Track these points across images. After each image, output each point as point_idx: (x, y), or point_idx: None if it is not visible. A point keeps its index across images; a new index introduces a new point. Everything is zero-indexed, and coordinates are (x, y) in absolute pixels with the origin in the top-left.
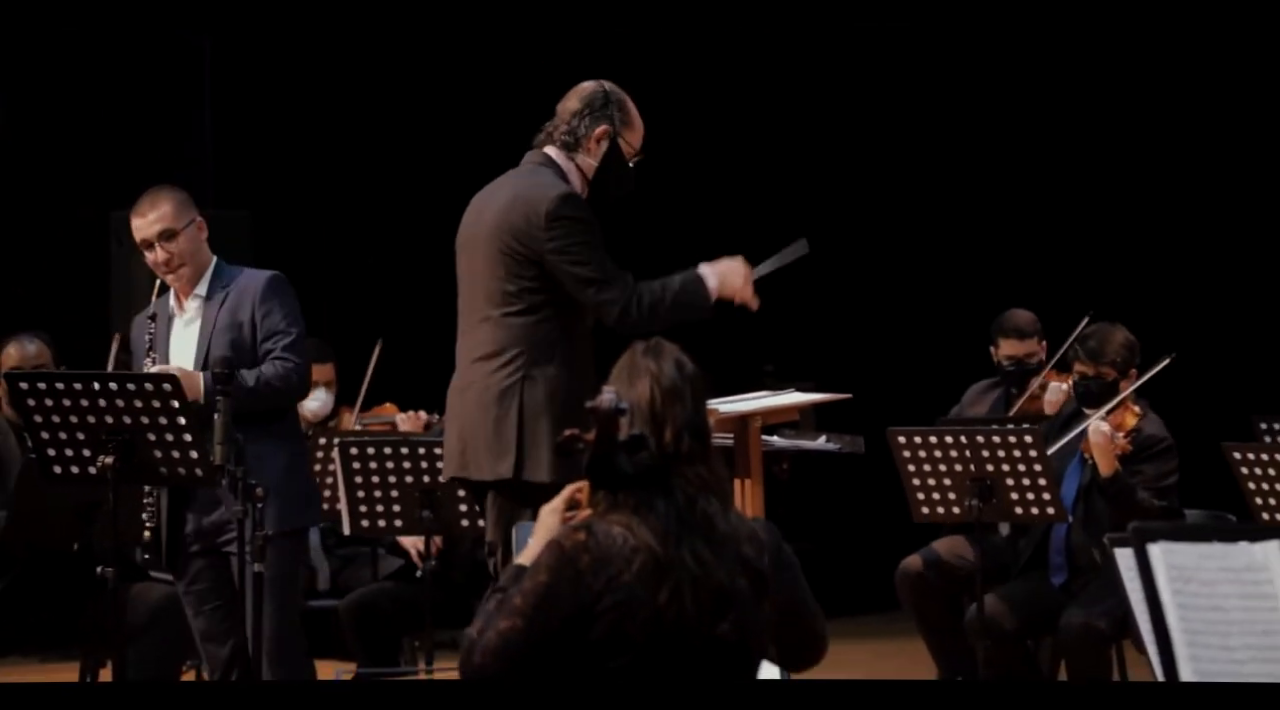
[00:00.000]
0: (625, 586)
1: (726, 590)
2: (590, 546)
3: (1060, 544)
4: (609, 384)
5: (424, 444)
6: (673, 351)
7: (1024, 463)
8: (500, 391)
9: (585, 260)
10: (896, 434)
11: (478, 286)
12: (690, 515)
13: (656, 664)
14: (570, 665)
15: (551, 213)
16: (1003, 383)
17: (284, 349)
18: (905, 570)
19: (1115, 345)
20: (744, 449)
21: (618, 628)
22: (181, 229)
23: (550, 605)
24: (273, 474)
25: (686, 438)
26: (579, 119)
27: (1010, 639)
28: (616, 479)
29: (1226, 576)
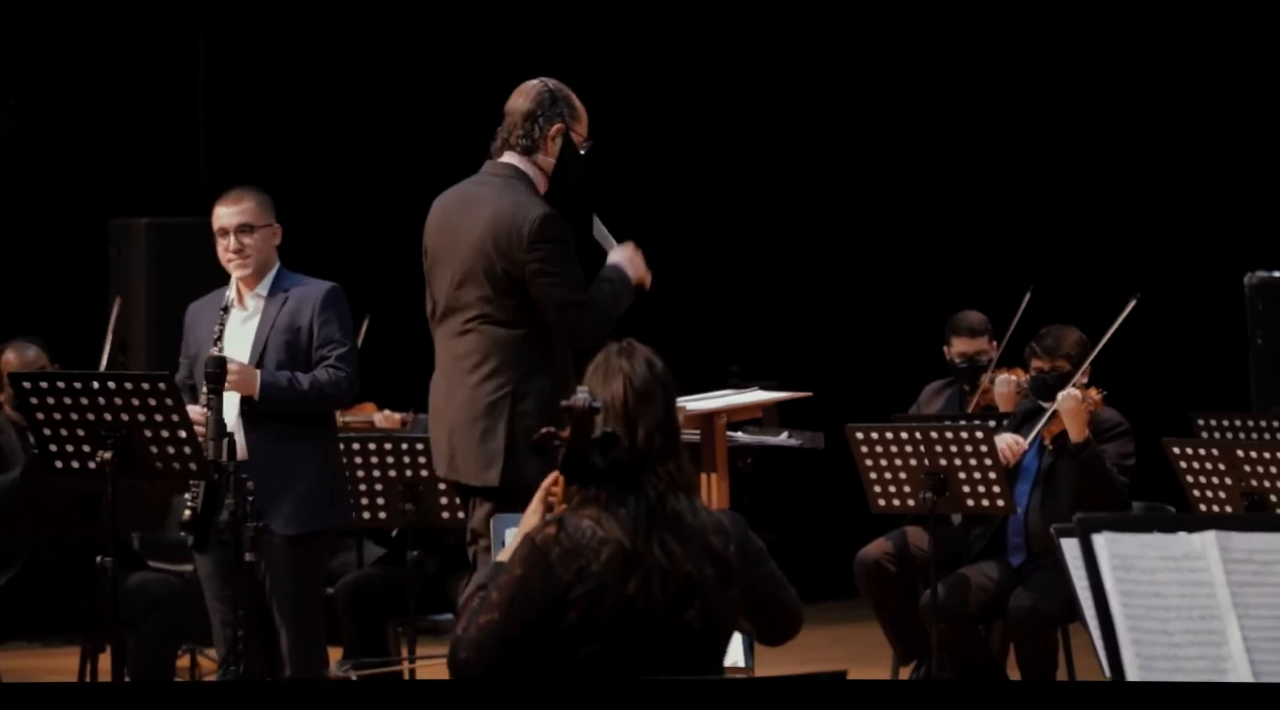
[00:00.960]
0: (594, 575)
1: (694, 580)
2: (561, 539)
3: (1019, 526)
4: (583, 383)
5: (406, 440)
6: (644, 352)
7: (975, 457)
8: (489, 404)
9: (564, 282)
10: (855, 430)
11: (462, 300)
12: (660, 510)
13: (625, 650)
14: (544, 653)
15: (534, 235)
16: (956, 381)
17: (338, 358)
18: (864, 558)
19: (1070, 342)
20: (710, 445)
21: (588, 615)
22: (260, 226)
23: (525, 598)
24: (303, 475)
25: (658, 436)
26: (532, 122)
27: (963, 623)
28: (590, 475)
29: (1166, 565)
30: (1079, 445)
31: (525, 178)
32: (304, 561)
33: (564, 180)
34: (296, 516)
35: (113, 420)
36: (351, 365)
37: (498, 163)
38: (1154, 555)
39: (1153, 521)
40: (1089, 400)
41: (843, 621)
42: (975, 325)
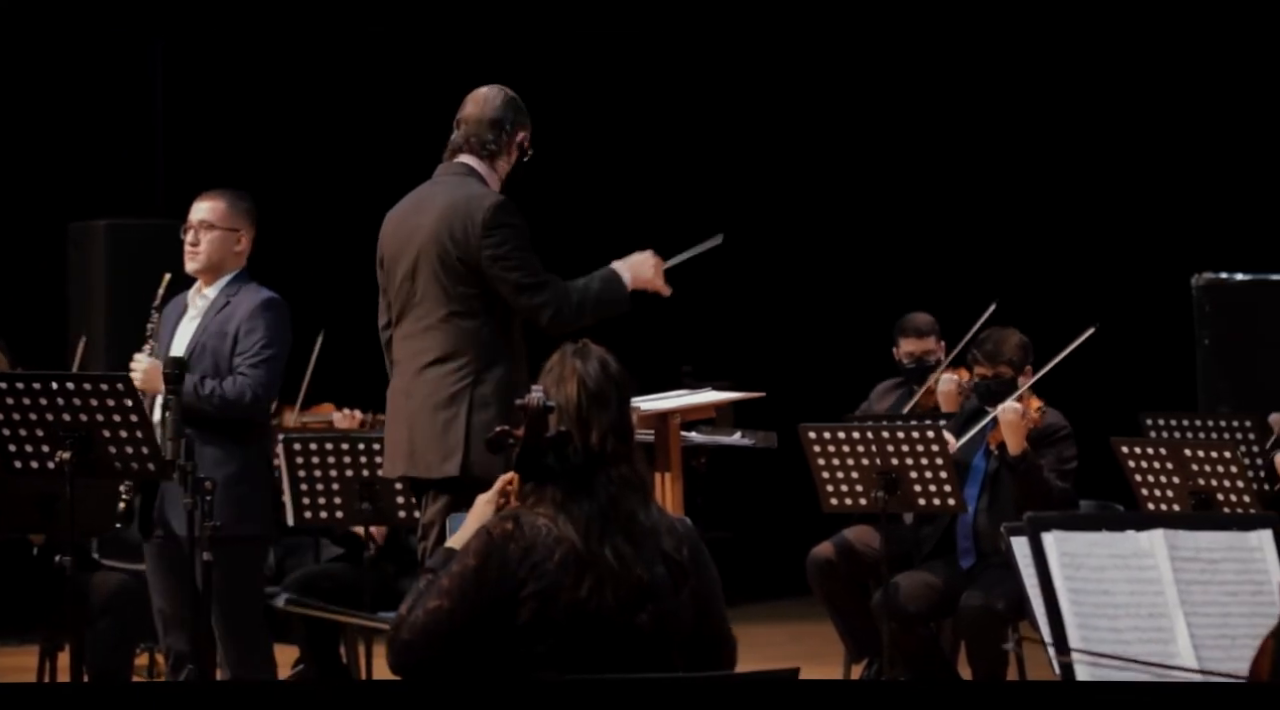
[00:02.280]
0: (548, 574)
1: (645, 584)
2: (516, 536)
3: (968, 529)
4: (539, 384)
5: (363, 440)
6: (599, 353)
7: (926, 457)
8: (450, 395)
9: (520, 266)
10: (807, 429)
11: (420, 295)
12: (612, 512)
13: (576, 650)
14: (497, 650)
15: (488, 221)
16: (905, 380)
17: (249, 366)
18: (815, 557)
19: (1011, 346)
20: (664, 444)
21: (541, 614)
22: (221, 227)
23: (476, 588)
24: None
25: (611, 438)
26: (500, 129)
27: (915, 621)
28: (543, 473)
29: (1115, 563)
30: (1016, 459)
31: (478, 176)
32: (227, 564)
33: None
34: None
35: (72, 421)
36: (267, 374)
37: (452, 163)
38: (1103, 553)
39: (1101, 520)
40: (1029, 416)
41: (795, 619)
42: (922, 326)
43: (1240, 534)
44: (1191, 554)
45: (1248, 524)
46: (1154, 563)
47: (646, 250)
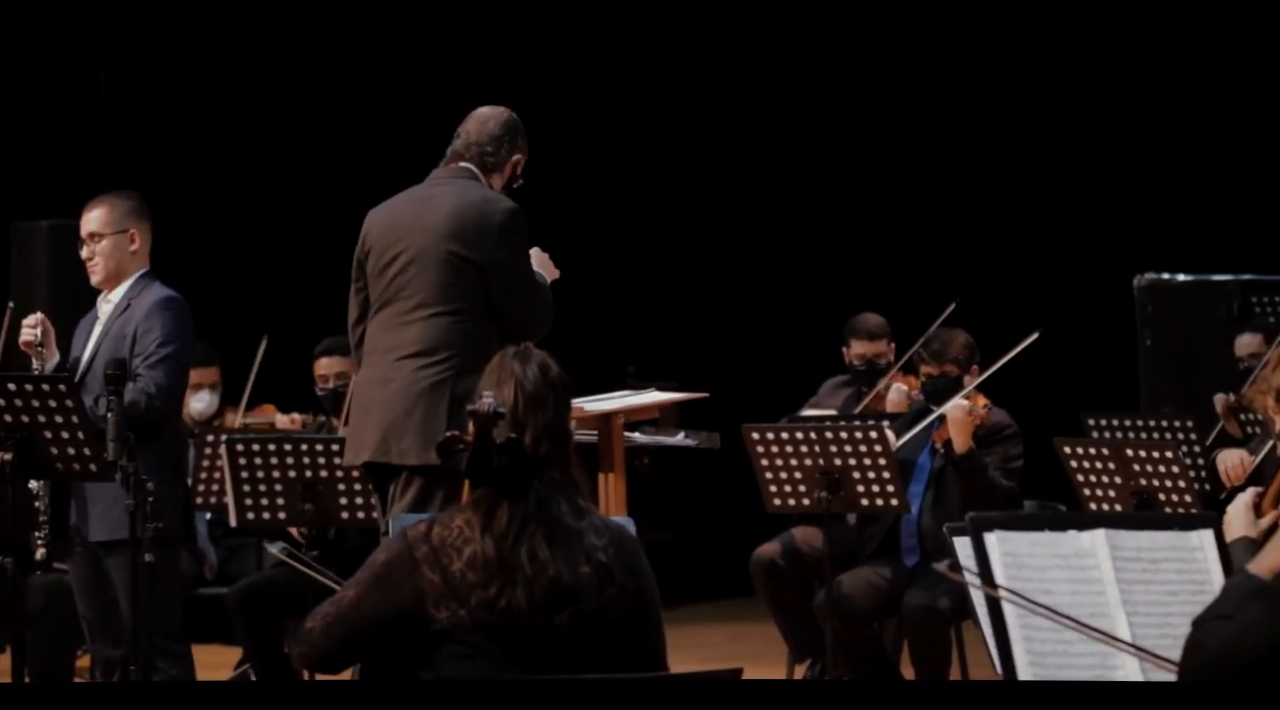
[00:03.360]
0: (455, 574)
1: (564, 586)
2: (430, 537)
3: (912, 528)
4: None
5: (305, 441)
6: (540, 357)
7: (870, 457)
8: (432, 385)
9: (524, 274)
10: (750, 430)
11: (410, 289)
12: (537, 516)
13: (492, 651)
14: (412, 652)
15: (505, 225)
16: (854, 381)
17: (147, 367)
18: (759, 557)
19: (957, 346)
20: (607, 445)
21: (454, 615)
22: (109, 234)
23: (382, 585)
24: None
25: (545, 442)
26: (500, 144)
27: (858, 621)
28: (493, 478)
29: (1057, 563)
30: (962, 457)
31: (481, 181)
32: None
33: None
34: (105, 521)
35: (13, 421)
36: (163, 374)
37: (456, 167)
38: (1045, 553)
39: (1043, 520)
40: (975, 413)
41: (739, 620)
42: (874, 328)
43: (1181, 534)
44: (1133, 554)
45: (1189, 524)
46: (1096, 563)
47: (534, 247)
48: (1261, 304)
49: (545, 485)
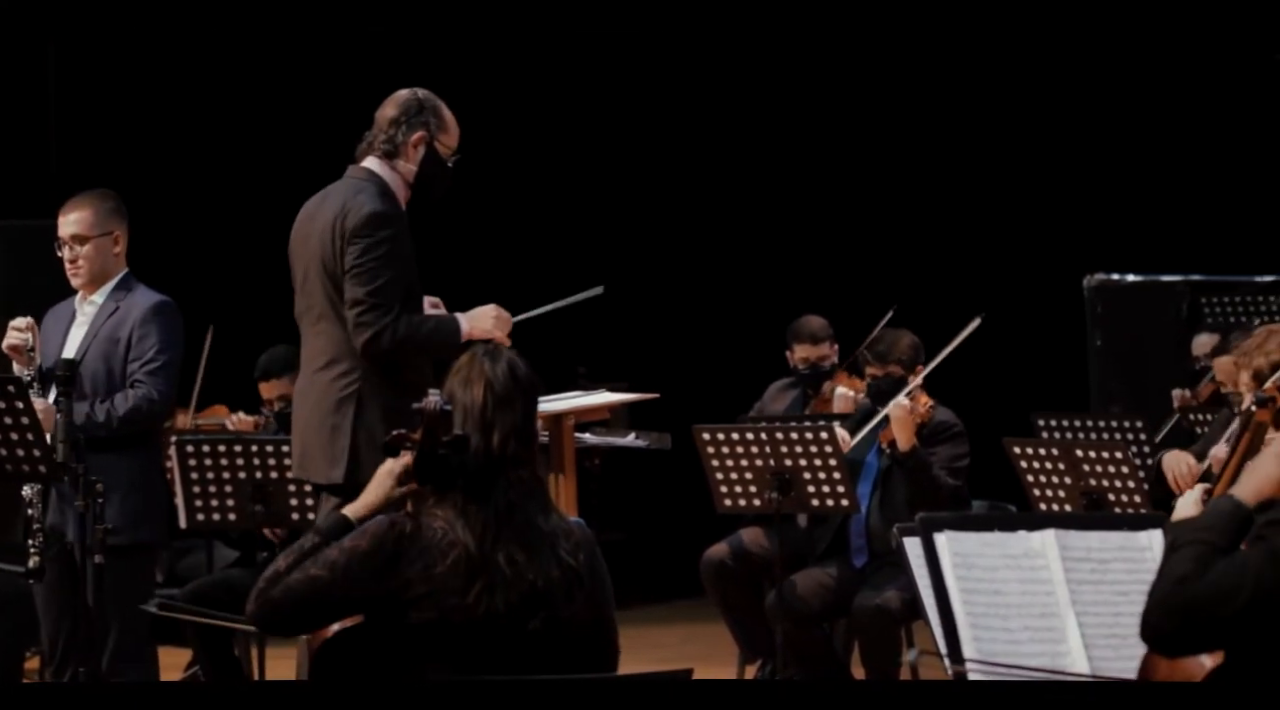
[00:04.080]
0: (438, 577)
1: (538, 590)
2: (414, 535)
3: (861, 529)
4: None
5: (256, 442)
6: (510, 356)
7: (820, 458)
8: (337, 400)
9: (366, 282)
10: (701, 431)
11: (312, 297)
12: (509, 517)
13: (467, 652)
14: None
15: (356, 229)
16: (799, 384)
17: (147, 373)
18: (709, 558)
19: (902, 347)
20: (558, 445)
21: (431, 616)
22: (94, 236)
23: (360, 570)
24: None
25: (513, 442)
26: (396, 127)
27: (808, 621)
28: (440, 477)
29: (1006, 563)
30: (905, 454)
31: (379, 181)
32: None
33: (427, 190)
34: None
35: None
36: (163, 381)
37: (357, 167)
38: (994, 553)
39: (993, 520)
40: (918, 411)
41: (689, 620)
42: (816, 331)
43: (1130, 534)
44: (1082, 554)
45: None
46: (1045, 563)
47: (491, 304)
48: (1210, 304)
49: (514, 486)
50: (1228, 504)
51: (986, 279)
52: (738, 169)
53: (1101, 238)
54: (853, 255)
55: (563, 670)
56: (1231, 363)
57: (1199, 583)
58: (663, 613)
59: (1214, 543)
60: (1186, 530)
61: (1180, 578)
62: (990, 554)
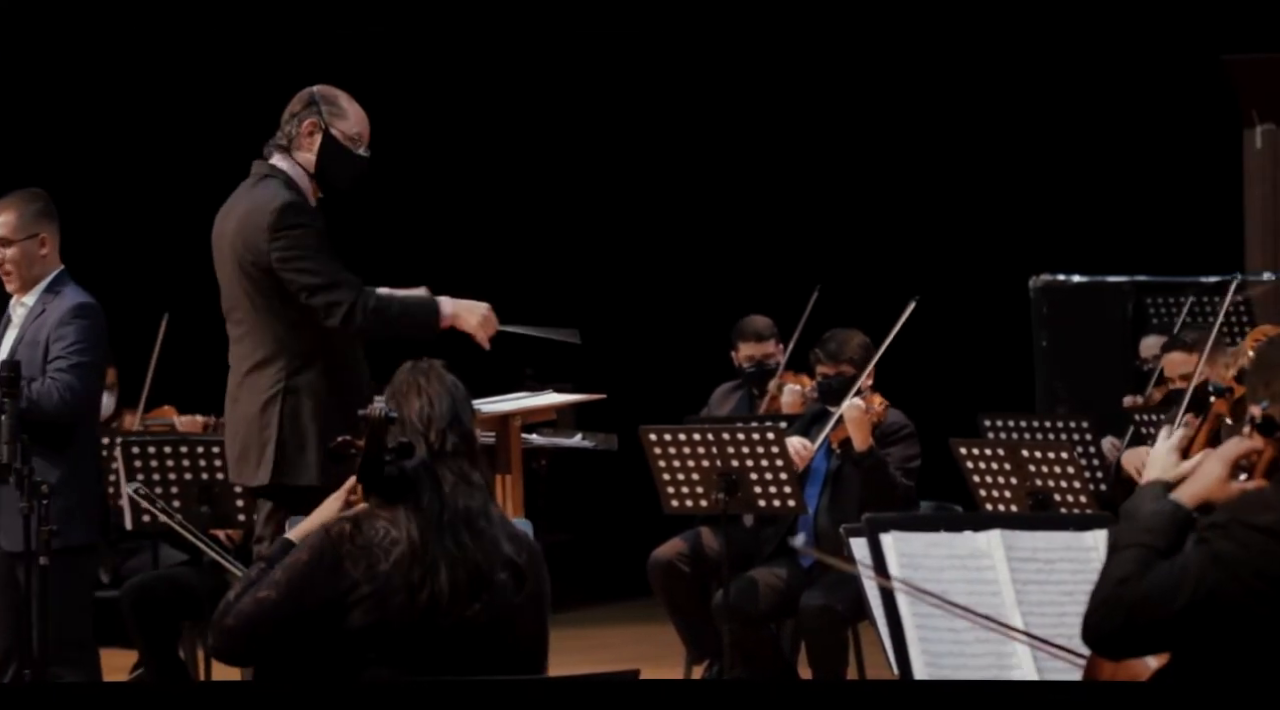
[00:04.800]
0: (382, 575)
1: (483, 572)
2: (354, 536)
3: (809, 528)
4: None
5: (202, 443)
6: (439, 368)
7: (767, 458)
8: (264, 402)
9: (308, 266)
10: (648, 431)
11: (234, 300)
12: (454, 506)
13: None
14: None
15: (273, 224)
16: (745, 384)
17: (57, 370)
18: (657, 559)
19: (853, 346)
20: (505, 446)
21: (374, 616)
22: (18, 240)
23: (307, 583)
24: None
25: (451, 437)
26: (290, 120)
27: (755, 622)
28: (385, 483)
29: (952, 563)
30: (862, 454)
31: (283, 175)
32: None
33: (332, 178)
34: (13, 529)
35: None
36: (77, 379)
37: (261, 162)
38: (940, 554)
39: (939, 521)
40: (872, 411)
41: (636, 621)
42: (761, 330)
43: (1076, 534)
44: (1028, 554)
45: (1084, 524)
46: (991, 563)
47: (485, 303)
48: (1156, 305)
49: (456, 477)
50: (1168, 506)
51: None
52: (681, 170)
53: (1047, 239)
54: (798, 258)
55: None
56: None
57: (1139, 584)
58: (610, 613)
59: (1154, 545)
60: (1127, 532)
61: (1121, 579)
62: (936, 554)
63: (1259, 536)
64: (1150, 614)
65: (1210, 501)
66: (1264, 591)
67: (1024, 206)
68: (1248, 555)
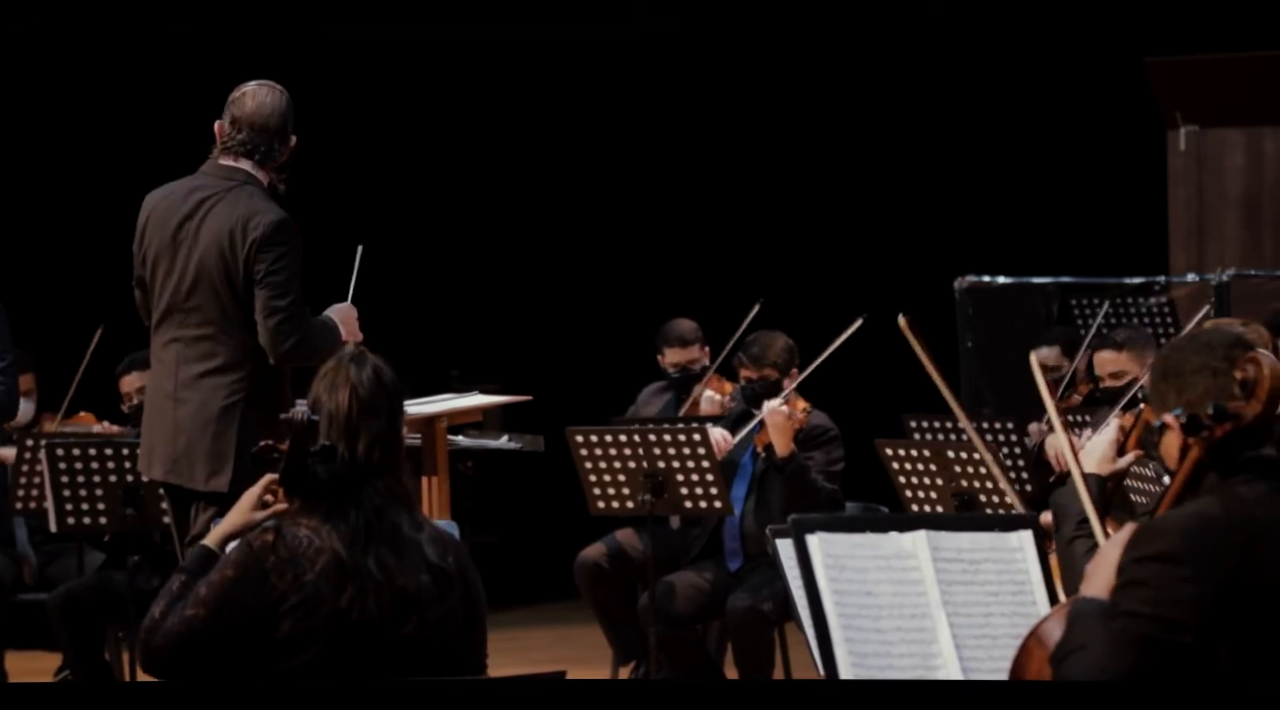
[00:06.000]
0: (309, 585)
1: (409, 594)
2: (277, 547)
3: (735, 531)
4: (311, 390)
5: (127, 445)
6: (375, 361)
7: (693, 459)
8: (222, 408)
9: (285, 292)
10: (574, 433)
11: (196, 302)
12: (377, 523)
13: (340, 660)
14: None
15: (267, 237)
16: (671, 387)
17: None
18: (583, 560)
19: (776, 349)
20: (431, 448)
21: (302, 625)
22: None
23: (234, 599)
24: None
25: (378, 449)
26: (275, 136)
27: (681, 623)
28: (308, 487)
29: (878, 564)
30: (784, 460)
31: (258, 182)
32: None
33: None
34: None
35: None
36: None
37: (228, 166)
38: (866, 555)
39: (865, 522)
40: (794, 417)
41: (563, 622)
42: (686, 334)
43: (1001, 535)
44: (953, 555)
45: (1009, 525)
46: (917, 564)
47: (346, 301)
48: (1080, 306)
49: (380, 494)
50: (1092, 607)
51: (858, 280)
52: (607, 172)
53: (972, 240)
54: (725, 257)
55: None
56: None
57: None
58: (536, 615)
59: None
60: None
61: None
62: (862, 555)
63: (1155, 566)
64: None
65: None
66: (1178, 619)
67: (949, 208)
68: (1149, 594)
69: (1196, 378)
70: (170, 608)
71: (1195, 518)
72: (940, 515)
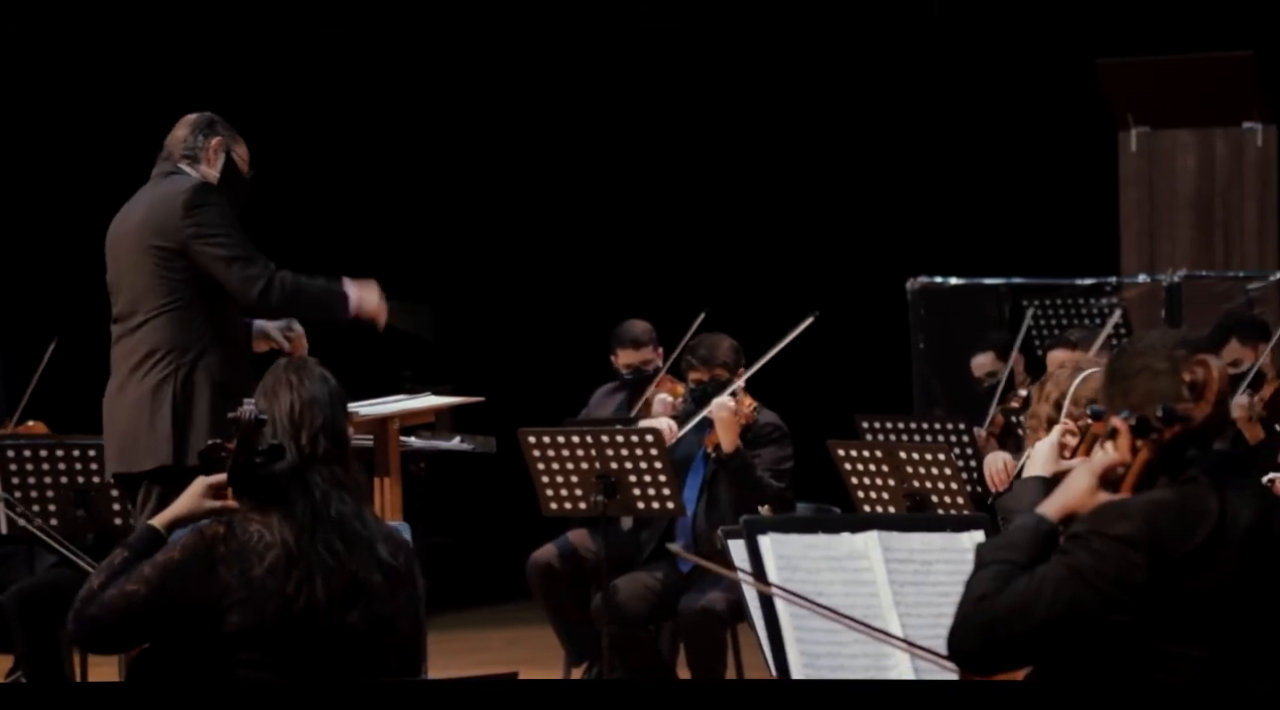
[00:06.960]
0: (256, 580)
1: (358, 581)
2: (228, 540)
3: (687, 532)
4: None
5: (79, 447)
6: (314, 365)
7: (645, 461)
8: (154, 386)
9: (224, 242)
10: (526, 434)
11: (129, 292)
12: (326, 513)
13: (288, 654)
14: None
15: (189, 201)
16: (624, 388)
17: None
18: (535, 561)
19: (723, 350)
20: (383, 449)
21: (251, 620)
22: None
23: (176, 582)
24: None
25: (323, 440)
26: (194, 137)
27: (634, 624)
28: (256, 486)
29: (830, 564)
30: (729, 456)
31: (185, 173)
32: None
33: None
34: None
35: None
36: None
37: (167, 163)
38: (818, 555)
39: (817, 522)
40: (741, 413)
41: (515, 623)
42: (639, 336)
43: (953, 536)
44: (905, 555)
45: (960, 525)
46: (869, 564)
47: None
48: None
49: (328, 482)
50: (1031, 521)
51: (810, 281)
52: (559, 174)
53: (924, 241)
54: (677, 258)
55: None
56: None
57: (997, 600)
58: (488, 616)
59: (1015, 561)
60: (990, 549)
61: (980, 596)
62: (814, 556)
63: (1117, 546)
64: (1008, 629)
65: (1076, 513)
66: (1122, 600)
67: (901, 209)
68: (1105, 566)
69: (1139, 379)
70: (110, 581)
71: (1158, 506)
72: (892, 516)
